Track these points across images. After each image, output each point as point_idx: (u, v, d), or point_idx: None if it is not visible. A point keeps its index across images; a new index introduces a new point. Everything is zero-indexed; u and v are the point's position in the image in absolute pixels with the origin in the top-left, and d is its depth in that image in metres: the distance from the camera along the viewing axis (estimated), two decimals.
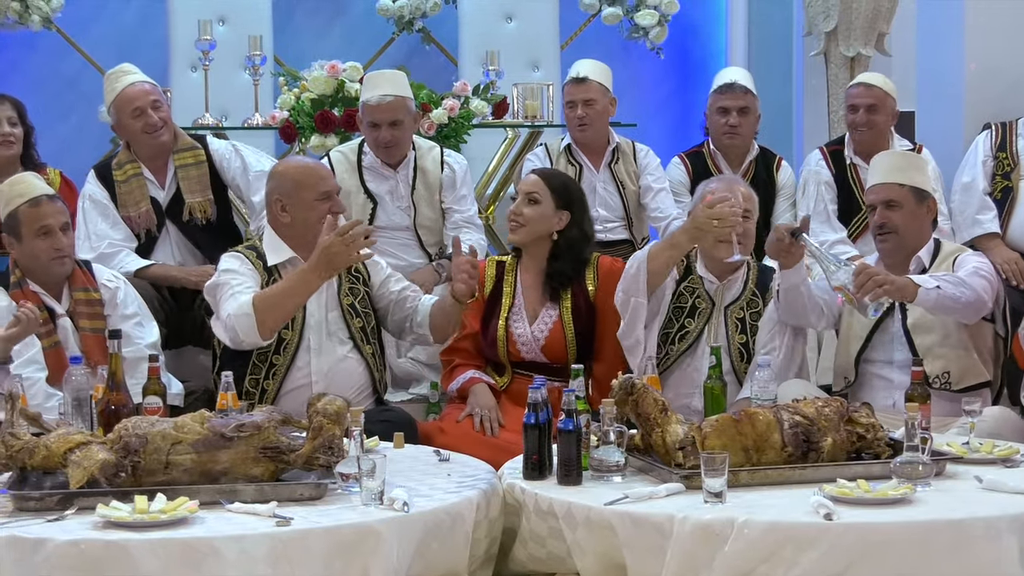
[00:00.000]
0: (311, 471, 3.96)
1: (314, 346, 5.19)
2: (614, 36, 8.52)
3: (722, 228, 4.96)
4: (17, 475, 3.90)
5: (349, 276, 5.27)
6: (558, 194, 5.46)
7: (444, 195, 6.44)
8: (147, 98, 6.14)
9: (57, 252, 5.24)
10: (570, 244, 5.46)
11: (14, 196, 5.28)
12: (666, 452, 4.08)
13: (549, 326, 5.43)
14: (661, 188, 6.86)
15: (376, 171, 6.40)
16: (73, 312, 5.27)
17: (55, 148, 6.64)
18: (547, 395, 4.19)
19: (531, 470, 4.11)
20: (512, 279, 5.52)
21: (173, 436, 3.88)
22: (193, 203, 6.18)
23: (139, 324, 5.40)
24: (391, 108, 6.26)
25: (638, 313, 5.16)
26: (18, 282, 5.24)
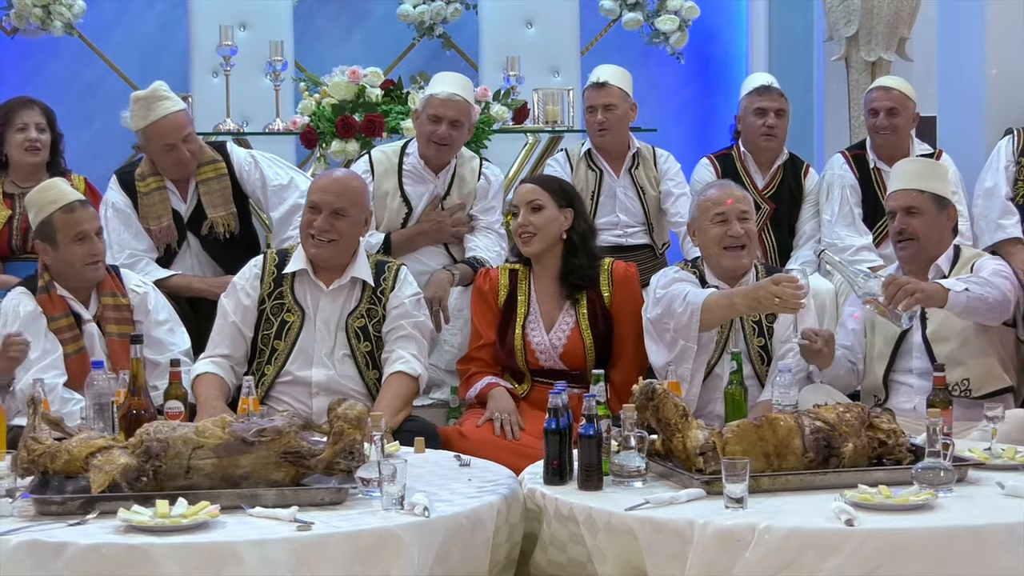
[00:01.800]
0: (332, 476, 3.96)
1: (316, 360, 5.21)
2: (634, 41, 8.52)
3: (783, 308, 4.93)
4: (39, 479, 3.91)
5: (371, 297, 5.27)
6: (557, 194, 5.47)
7: (475, 203, 6.44)
8: (180, 133, 6.07)
9: (93, 257, 5.27)
10: (581, 238, 5.48)
11: (47, 203, 5.29)
12: (687, 457, 4.07)
13: (567, 333, 5.42)
14: (682, 193, 6.85)
15: (416, 174, 6.38)
16: (100, 317, 5.29)
17: (77, 154, 6.66)
18: (568, 400, 4.18)
19: (552, 475, 4.10)
20: (526, 287, 5.51)
21: (194, 440, 3.89)
22: (216, 217, 6.19)
23: (171, 331, 5.43)
24: (457, 107, 6.27)
25: (685, 355, 5.15)
26: (45, 287, 5.26)
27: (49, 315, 5.23)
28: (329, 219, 5.16)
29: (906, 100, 6.76)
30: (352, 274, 5.25)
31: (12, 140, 6.30)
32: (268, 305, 5.26)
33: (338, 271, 5.26)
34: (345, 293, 5.27)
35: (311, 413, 5.10)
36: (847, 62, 8.02)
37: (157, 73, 6.59)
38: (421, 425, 5.18)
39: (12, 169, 6.35)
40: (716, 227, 5.24)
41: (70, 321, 5.22)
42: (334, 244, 5.18)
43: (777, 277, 4.92)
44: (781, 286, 4.85)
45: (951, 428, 4.38)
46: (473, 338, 5.58)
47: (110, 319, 5.28)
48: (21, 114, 6.31)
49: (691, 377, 5.17)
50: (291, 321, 5.23)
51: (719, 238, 5.24)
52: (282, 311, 5.24)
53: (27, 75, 8.27)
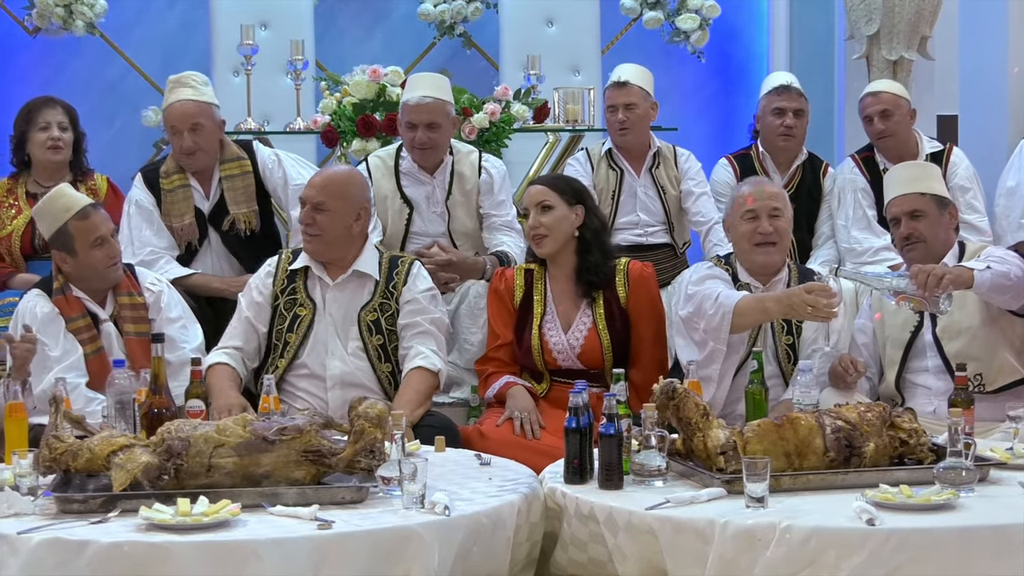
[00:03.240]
0: (353, 474, 3.97)
1: (330, 349, 5.29)
2: (655, 40, 8.50)
3: (815, 316, 4.91)
4: (61, 477, 3.93)
5: (385, 291, 5.33)
6: (566, 193, 5.47)
7: (482, 200, 6.43)
8: (187, 121, 6.12)
9: (112, 260, 5.30)
10: (594, 234, 5.47)
11: (60, 211, 5.29)
12: (707, 457, 4.07)
13: (584, 333, 5.42)
14: (703, 192, 6.84)
15: (413, 176, 6.40)
16: (117, 316, 5.30)
17: (98, 153, 6.66)
18: (588, 399, 4.18)
19: (572, 474, 4.10)
20: (542, 287, 5.51)
21: (215, 439, 3.90)
22: (238, 213, 6.22)
23: (183, 328, 5.43)
24: (429, 110, 6.25)
25: (714, 357, 5.13)
26: (61, 288, 5.27)
27: (66, 316, 5.24)
28: (311, 213, 5.29)
29: (898, 100, 6.75)
30: (355, 268, 5.34)
31: (35, 139, 6.33)
32: (281, 301, 5.35)
33: (343, 266, 5.34)
34: (352, 287, 5.36)
35: (327, 407, 5.17)
36: (868, 61, 8.01)
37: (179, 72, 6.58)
38: (440, 421, 5.22)
39: (35, 168, 6.38)
40: (747, 224, 5.23)
41: (87, 322, 5.24)
42: (318, 238, 5.30)
43: (810, 286, 4.89)
44: (814, 295, 4.82)
45: (973, 428, 4.37)
46: (491, 338, 5.59)
47: (127, 318, 5.29)
48: (44, 113, 6.34)
49: (719, 379, 5.15)
50: (303, 315, 5.31)
51: (749, 235, 5.23)
52: (295, 306, 5.33)
53: (49, 75, 8.29)
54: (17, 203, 6.32)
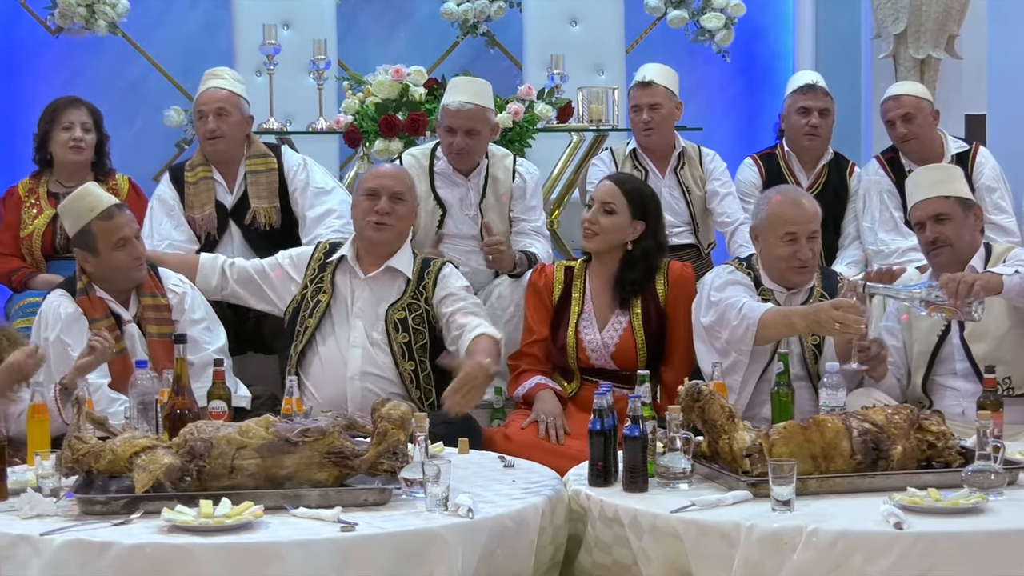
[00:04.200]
0: (376, 476, 3.97)
1: (352, 341, 5.36)
2: (680, 39, 8.49)
3: (843, 333, 4.89)
4: (83, 479, 3.94)
5: (415, 290, 5.39)
6: (634, 204, 5.45)
7: (513, 204, 6.42)
8: (213, 105, 6.23)
9: (136, 261, 5.30)
10: (644, 253, 5.46)
11: (84, 211, 5.31)
12: (733, 459, 4.06)
13: (619, 333, 5.42)
14: (728, 192, 6.83)
15: (447, 177, 6.40)
16: (141, 317, 5.31)
17: (120, 154, 6.68)
18: (613, 401, 4.17)
19: (596, 477, 4.10)
20: (581, 285, 5.52)
21: (238, 440, 3.90)
22: (259, 208, 6.26)
23: (207, 329, 5.45)
24: (469, 116, 6.24)
25: (737, 367, 5.12)
26: (84, 289, 5.29)
27: (90, 317, 5.25)
28: (389, 202, 5.38)
29: (919, 103, 6.73)
30: (390, 264, 5.41)
31: (57, 138, 6.35)
32: (309, 290, 5.48)
33: (379, 261, 5.41)
34: (384, 284, 5.43)
35: (346, 400, 5.26)
36: (895, 60, 7.99)
37: (201, 71, 6.59)
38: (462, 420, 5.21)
39: (57, 168, 6.40)
40: (785, 246, 5.18)
41: (111, 323, 5.24)
42: (392, 228, 5.41)
43: (838, 302, 4.86)
44: (842, 311, 4.79)
45: (1001, 431, 4.35)
46: (525, 334, 5.60)
47: (150, 319, 5.30)
48: (67, 113, 6.36)
49: (741, 388, 5.14)
50: (323, 300, 5.41)
51: (787, 257, 5.18)
52: (318, 293, 5.44)
53: (70, 75, 8.31)
54: (39, 203, 6.34)
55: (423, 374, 5.38)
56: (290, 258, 5.64)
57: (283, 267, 5.61)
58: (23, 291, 6.16)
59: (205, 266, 5.70)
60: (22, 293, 6.14)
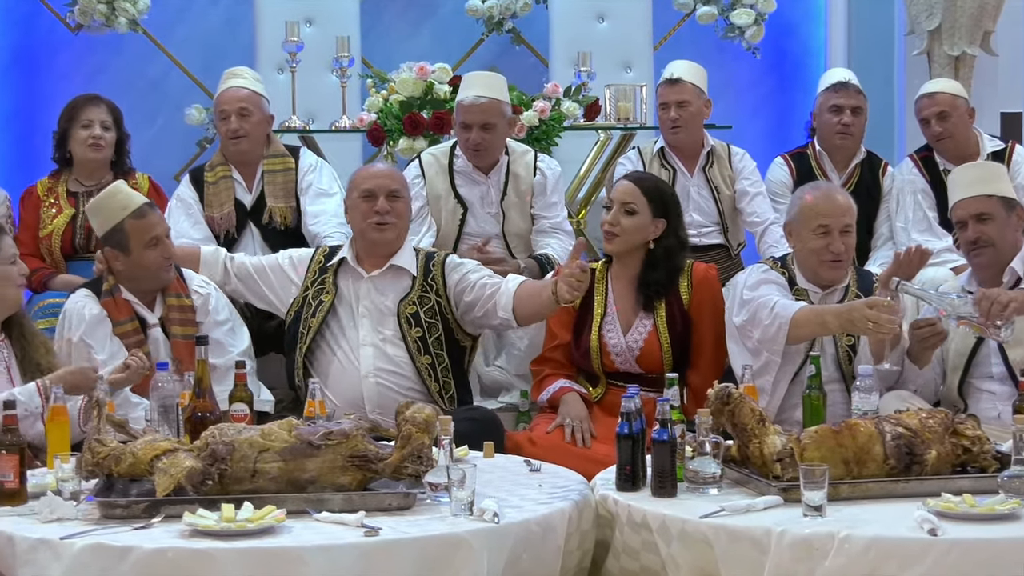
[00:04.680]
0: (400, 480, 3.98)
1: (362, 339, 5.38)
2: (709, 36, 8.48)
3: (876, 332, 4.88)
4: (103, 482, 3.95)
5: (424, 284, 5.41)
6: (654, 202, 5.44)
7: (534, 201, 6.44)
8: (236, 104, 6.32)
9: (167, 260, 5.34)
10: (667, 252, 5.46)
11: (116, 209, 5.33)
12: (763, 464, 4.06)
13: (644, 336, 5.42)
14: (758, 192, 6.82)
15: (467, 175, 6.42)
16: (166, 319, 5.32)
17: (140, 152, 6.70)
18: (641, 405, 4.17)
19: (624, 481, 4.10)
20: (603, 287, 5.51)
21: (260, 444, 3.91)
22: (275, 207, 6.33)
23: (231, 331, 5.49)
24: (483, 110, 6.27)
25: (768, 367, 5.12)
26: (110, 290, 5.31)
27: (114, 319, 5.27)
28: (388, 201, 5.41)
29: (954, 100, 6.71)
30: (393, 262, 5.45)
31: (76, 136, 6.38)
32: (310, 292, 5.50)
33: (381, 260, 5.45)
34: (388, 282, 5.47)
35: (362, 399, 5.29)
36: (929, 57, 7.97)
37: (222, 69, 6.62)
38: (482, 414, 5.34)
39: (76, 166, 6.43)
40: (818, 239, 5.19)
41: (135, 326, 5.27)
42: (393, 227, 5.44)
43: (871, 301, 4.85)
44: (876, 311, 4.79)
45: None
46: (548, 338, 5.60)
47: (175, 320, 5.31)
48: (87, 111, 6.39)
49: (772, 389, 5.14)
50: (326, 300, 5.44)
51: (820, 251, 5.19)
52: (320, 294, 5.47)
53: (91, 72, 8.33)
54: (58, 202, 6.36)
55: (440, 367, 5.41)
56: (290, 259, 5.67)
57: (282, 267, 5.64)
58: (43, 291, 6.18)
59: (207, 260, 5.73)
60: (42, 294, 6.16)
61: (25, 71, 8.38)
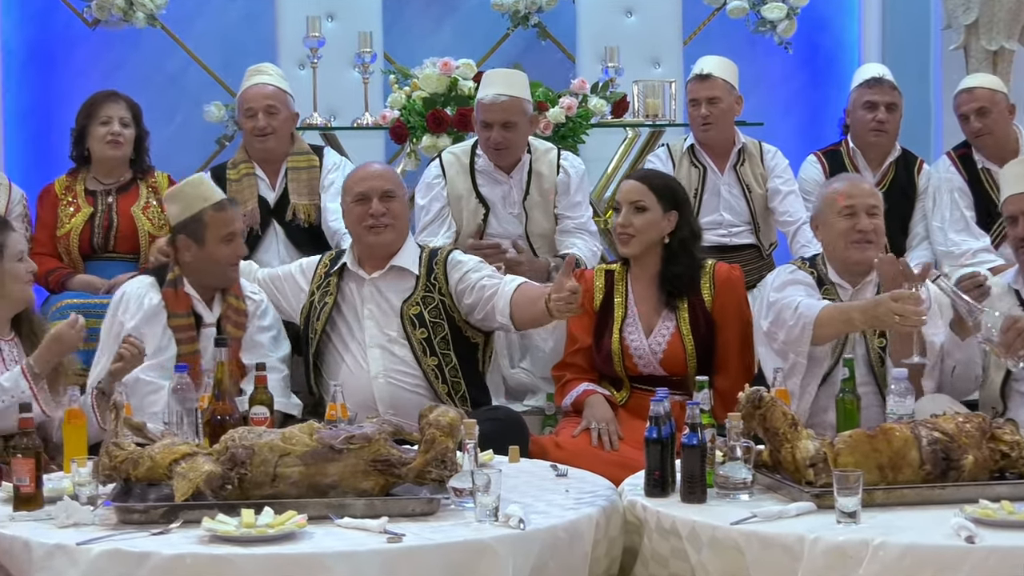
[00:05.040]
0: (423, 485, 3.98)
1: (369, 341, 5.45)
2: (740, 30, 8.45)
3: (903, 325, 4.86)
4: (121, 487, 3.96)
5: (426, 283, 5.46)
6: (663, 196, 5.43)
7: (558, 200, 6.44)
8: (263, 101, 6.40)
9: (238, 259, 5.40)
10: (683, 244, 5.45)
11: (198, 198, 5.38)
12: (796, 469, 4.05)
13: (667, 338, 5.40)
14: (790, 191, 6.80)
15: (489, 175, 6.43)
16: (223, 317, 5.36)
17: (159, 149, 6.70)
18: (670, 408, 4.17)
19: (653, 487, 4.09)
20: (623, 289, 5.50)
21: (281, 448, 3.92)
22: (298, 204, 6.40)
23: (275, 339, 5.54)
24: (504, 109, 6.28)
25: (795, 370, 5.10)
26: (174, 281, 5.35)
27: (171, 311, 5.31)
28: (382, 203, 5.45)
29: (994, 96, 6.70)
30: (395, 263, 5.49)
31: (94, 133, 6.39)
32: (316, 295, 5.56)
33: (382, 262, 5.50)
34: (391, 282, 5.51)
35: (374, 399, 5.34)
36: (966, 51, 7.94)
37: (242, 65, 6.65)
38: (505, 413, 5.35)
39: (94, 164, 6.44)
40: (844, 220, 5.19)
41: (190, 321, 5.31)
42: (391, 228, 5.48)
43: (897, 294, 4.83)
44: (901, 303, 4.77)
45: None
46: (568, 343, 5.59)
47: (230, 320, 5.36)
48: (106, 108, 6.41)
49: (800, 392, 5.12)
50: (328, 302, 5.51)
51: (846, 232, 5.19)
52: (325, 296, 5.53)
53: (108, 68, 8.35)
54: (76, 201, 6.38)
55: (448, 367, 5.44)
56: (300, 267, 5.73)
57: (294, 276, 5.70)
58: (60, 292, 6.20)
59: (242, 270, 5.69)
60: (59, 295, 6.17)
61: (41, 67, 8.41)
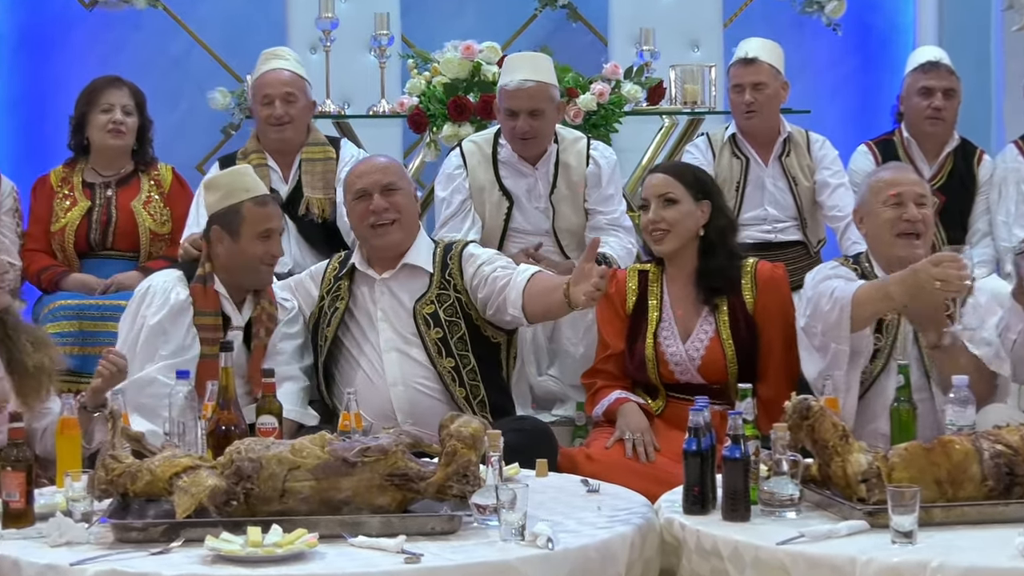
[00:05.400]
0: (443, 502, 3.97)
1: (384, 345, 5.43)
2: (785, 11, 8.46)
3: (945, 291, 4.84)
4: (118, 502, 3.95)
5: (441, 280, 5.44)
6: (692, 186, 5.42)
7: (588, 193, 6.41)
8: (280, 88, 6.41)
9: (272, 258, 5.38)
10: (720, 234, 5.43)
11: (238, 189, 5.38)
12: (847, 485, 4.02)
13: (705, 343, 5.38)
14: (839, 184, 6.78)
15: (513, 166, 6.41)
16: (255, 319, 5.35)
17: (162, 138, 6.72)
18: (710, 418, 4.14)
19: (692, 503, 4.07)
20: (657, 290, 5.48)
21: (290, 460, 3.90)
22: (312, 198, 6.41)
23: (300, 347, 5.54)
24: (530, 95, 6.26)
25: (838, 361, 5.07)
26: (204, 277, 5.34)
27: (198, 308, 5.30)
28: (383, 198, 5.43)
29: None
30: (406, 261, 5.47)
31: (95, 121, 6.40)
32: (326, 301, 5.56)
33: (393, 262, 5.48)
34: (403, 281, 5.48)
35: (391, 407, 5.33)
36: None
37: (249, 48, 6.67)
38: (532, 424, 5.35)
39: (93, 155, 6.44)
40: (890, 210, 5.16)
41: (217, 321, 5.31)
42: (397, 224, 5.45)
43: (937, 257, 4.82)
44: (942, 267, 4.76)
45: None
46: (599, 348, 5.58)
47: (263, 323, 5.37)
48: (108, 94, 6.42)
49: (846, 388, 5.08)
50: (340, 307, 5.49)
51: (893, 222, 5.15)
52: (336, 301, 5.51)
53: (107, 51, 8.37)
54: (72, 193, 6.38)
55: (466, 369, 5.41)
56: (310, 274, 5.73)
57: (304, 284, 5.68)
58: (54, 292, 6.20)
59: None
60: (53, 295, 6.18)
61: (34, 51, 8.43)
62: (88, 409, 4.76)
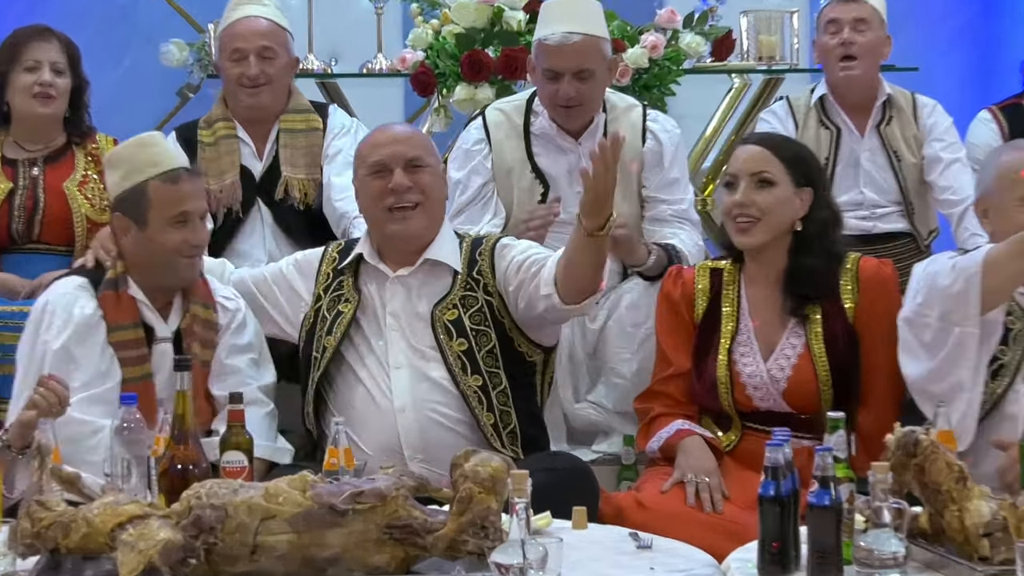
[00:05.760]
0: (456, 560, 3.97)
1: (394, 359, 5.41)
2: None
3: None
4: (47, 560, 3.95)
5: (468, 280, 5.44)
6: (794, 167, 5.41)
7: (646, 177, 6.39)
8: (255, 42, 6.42)
9: (193, 249, 5.34)
10: (821, 229, 5.42)
11: (143, 164, 5.33)
12: (965, 539, 4.02)
13: (792, 361, 5.38)
14: (955, 159, 6.78)
15: (550, 140, 6.39)
16: (186, 331, 5.33)
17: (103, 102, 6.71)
18: (791, 456, 4.13)
19: (770, 562, 4.06)
20: (733, 295, 5.49)
21: (264, 508, 3.91)
22: (292, 178, 6.44)
23: (254, 362, 5.52)
24: (577, 52, 6.22)
25: (964, 348, 5.06)
26: (115, 280, 5.31)
27: (112, 322, 5.27)
28: (407, 174, 5.42)
29: None
30: (429, 256, 5.46)
31: (17, 83, 6.36)
32: (324, 301, 5.53)
33: (411, 256, 5.46)
34: (422, 280, 5.49)
35: (399, 439, 5.31)
36: None
37: None
38: (568, 461, 5.34)
39: (15, 124, 6.42)
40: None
41: (138, 335, 5.28)
42: (421, 209, 5.45)
43: None
44: None
45: None
46: (658, 366, 5.59)
47: (197, 336, 5.33)
48: (33, 49, 6.39)
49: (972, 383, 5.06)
50: (345, 312, 5.47)
51: None
52: (338, 303, 5.49)
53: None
54: None
55: (496, 391, 5.38)
56: (295, 263, 5.70)
57: (286, 276, 5.67)
58: None
59: (212, 268, 5.72)
60: None
61: None
62: (12, 449, 4.72)
